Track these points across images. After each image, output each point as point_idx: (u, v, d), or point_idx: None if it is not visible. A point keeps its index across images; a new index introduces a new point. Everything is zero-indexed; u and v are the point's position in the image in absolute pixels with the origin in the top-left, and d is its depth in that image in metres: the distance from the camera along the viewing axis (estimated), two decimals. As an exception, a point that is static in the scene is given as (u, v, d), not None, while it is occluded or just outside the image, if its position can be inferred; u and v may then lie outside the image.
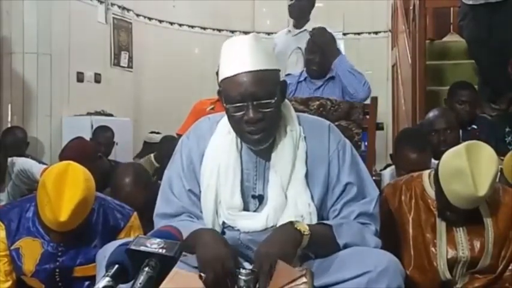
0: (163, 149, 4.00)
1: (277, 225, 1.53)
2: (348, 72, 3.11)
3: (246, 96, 1.49)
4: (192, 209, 1.64)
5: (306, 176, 1.58)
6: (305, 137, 1.61)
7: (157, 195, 1.73)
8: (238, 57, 1.51)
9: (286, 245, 1.42)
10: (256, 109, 1.49)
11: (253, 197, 1.60)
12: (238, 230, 1.58)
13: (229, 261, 1.43)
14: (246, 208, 1.60)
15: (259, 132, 1.52)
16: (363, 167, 1.68)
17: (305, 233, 1.46)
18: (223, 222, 1.60)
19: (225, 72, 1.53)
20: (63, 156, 3.24)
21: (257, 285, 1.39)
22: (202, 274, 1.42)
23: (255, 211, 1.59)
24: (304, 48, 3.34)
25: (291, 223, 1.48)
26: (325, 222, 1.57)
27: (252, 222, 1.57)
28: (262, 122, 1.50)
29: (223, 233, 1.60)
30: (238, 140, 1.61)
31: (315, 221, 1.56)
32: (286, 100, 1.66)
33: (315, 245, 1.49)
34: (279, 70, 1.60)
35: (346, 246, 1.52)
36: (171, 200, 1.66)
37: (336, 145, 1.62)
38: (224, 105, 1.55)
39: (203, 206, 1.62)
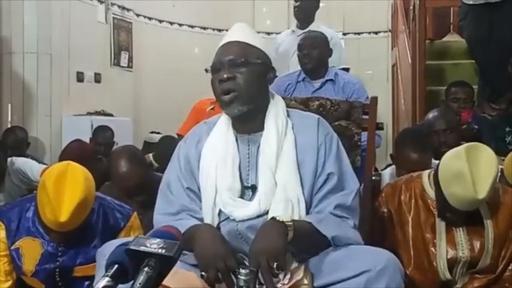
0: (161, 149, 4.00)
1: (270, 210, 1.56)
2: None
3: (223, 60, 1.62)
4: (191, 206, 1.66)
5: (297, 164, 1.61)
6: (293, 128, 1.66)
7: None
8: (227, 35, 1.70)
9: (275, 237, 1.43)
10: (229, 69, 1.60)
11: (247, 187, 1.63)
12: (234, 219, 1.59)
13: (231, 258, 1.44)
14: (241, 197, 1.62)
15: (230, 91, 1.59)
16: (346, 160, 1.70)
17: (288, 224, 1.47)
18: (220, 212, 1.61)
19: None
20: (62, 159, 3.24)
21: (257, 285, 1.39)
22: (203, 273, 1.42)
23: (248, 201, 1.61)
24: (298, 45, 3.35)
25: (273, 218, 1.50)
26: (303, 219, 1.57)
27: (246, 210, 1.59)
28: (233, 81, 1.59)
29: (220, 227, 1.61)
30: (234, 132, 1.67)
31: (303, 206, 1.59)
32: (277, 95, 1.74)
33: (301, 237, 1.49)
34: (266, 54, 1.68)
35: (334, 239, 1.53)
36: (171, 199, 1.68)
37: (324, 137, 1.66)
38: (206, 71, 1.68)
39: (203, 196, 1.65)
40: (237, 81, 1.59)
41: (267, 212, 1.57)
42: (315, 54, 3.23)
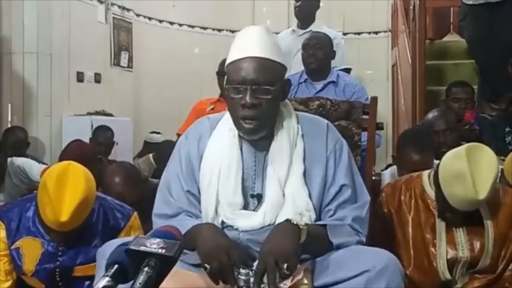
0: (162, 151, 4.00)
1: (276, 223, 1.54)
2: None
3: (246, 80, 1.52)
4: (190, 209, 1.64)
5: (304, 174, 1.59)
6: (303, 135, 1.62)
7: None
8: (246, 44, 1.56)
9: (287, 239, 1.43)
10: (254, 94, 1.52)
11: (252, 196, 1.61)
12: (237, 229, 1.58)
13: (233, 251, 1.43)
14: (245, 207, 1.60)
15: (252, 119, 1.53)
16: (356, 170, 1.68)
17: (303, 227, 1.46)
18: (222, 222, 1.60)
19: (232, 56, 1.57)
20: (62, 159, 3.24)
21: (262, 285, 1.38)
22: (206, 265, 1.40)
23: (253, 210, 1.60)
24: (303, 45, 3.33)
25: (288, 220, 1.49)
26: (320, 222, 1.57)
27: (250, 221, 1.57)
28: (258, 108, 1.52)
29: None
30: (239, 138, 1.62)
31: (313, 218, 1.57)
32: (286, 99, 1.68)
33: (312, 241, 1.48)
34: (285, 67, 1.62)
35: (338, 247, 1.53)
36: (170, 201, 1.66)
37: (334, 145, 1.63)
38: (225, 88, 1.58)
39: (203, 205, 1.62)
40: (261, 109, 1.52)
41: (271, 224, 1.55)
42: (320, 55, 3.22)
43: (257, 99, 1.52)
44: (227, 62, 1.59)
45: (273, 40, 1.60)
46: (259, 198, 1.60)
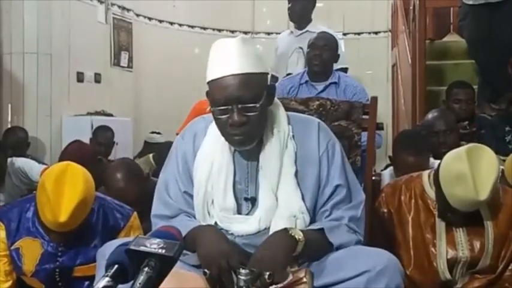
0: (163, 152, 4.00)
1: (271, 227, 1.54)
2: None
3: (230, 99, 1.49)
4: (189, 210, 1.64)
5: (296, 175, 1.58)
6: (293, 136, 1.60)
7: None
8: (225, 60, 1.51)
9: (279, 251, 1.43)
10: (241, 113, 1.49)
11: (246, 199, 1.60)
12: (232, 233, 1.57)
13: (234, 256, 1.43)
14: (239, 211, 1.60)
15: (242, 135, 1.52)
16: (350, 169, 1.67)
17: (300, 240, 1.46)
18: (216, 223, 1.59)
19: (212, 74, 1.53)
20: (62, 159, 3.24)
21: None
22: (206, 271, 1.42)
23: (247, 214, 1.59)
24: (309, 44, 3.32)
25: (286, 230, 1.48)
26: (317, 226, 1.56)
27: (245, 226, 1.56)
28: (246, 125, 1.50)
29: None
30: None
31: (307, 220, 1.57)
32: (276, 99, 1.65)
33: (309, 250, 1.49)
34: (268, 73, 1.60)
35: (338, 248, 1.53)
36: (168, 202, 1.66)
37: (326, 145, 1.61)
38: (210, 107, 1.56)
39: (195, 204, 1.63)
40: (250, 124, 1.50)
41: (267, 228, 1.55)
42: (326, 57, 3.21)
43: (245, 117, 1.49)
44: (208, 78, 1.55)
45: (252, 50, 1.55)
46: (253, 201, 1.59)
